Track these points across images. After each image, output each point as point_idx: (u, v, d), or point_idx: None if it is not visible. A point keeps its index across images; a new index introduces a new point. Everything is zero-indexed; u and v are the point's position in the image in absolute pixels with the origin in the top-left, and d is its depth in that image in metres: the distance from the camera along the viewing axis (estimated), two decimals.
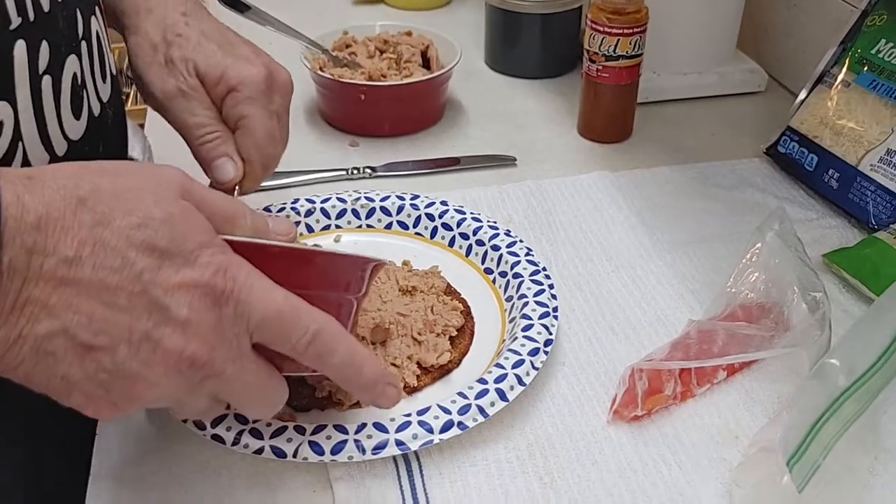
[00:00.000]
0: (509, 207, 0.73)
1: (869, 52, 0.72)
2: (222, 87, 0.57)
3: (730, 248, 0.68)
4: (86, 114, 0.52)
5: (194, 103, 0.57)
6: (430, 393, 0.54)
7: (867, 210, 0.70)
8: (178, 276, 0.37)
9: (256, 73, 0.57)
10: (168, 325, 0.36)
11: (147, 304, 0.36)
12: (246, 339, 0.39)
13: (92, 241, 0.35)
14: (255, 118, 0.56)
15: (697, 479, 0.49)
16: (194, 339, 0.37)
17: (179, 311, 0.36)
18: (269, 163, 0.59)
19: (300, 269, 0.43)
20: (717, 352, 0.54)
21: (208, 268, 0.37)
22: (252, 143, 0.57)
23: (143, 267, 0.36)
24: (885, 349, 0.49)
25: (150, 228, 0.36)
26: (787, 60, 0.94)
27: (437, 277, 0.62)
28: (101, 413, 0.37)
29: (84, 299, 0.35)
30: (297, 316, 0.39)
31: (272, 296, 0.39)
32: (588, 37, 0.79)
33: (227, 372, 0.38)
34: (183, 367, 0.37)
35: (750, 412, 0.54)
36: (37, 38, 0.46)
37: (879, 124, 0.70)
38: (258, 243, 0.41)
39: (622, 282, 0.65)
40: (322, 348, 0.40)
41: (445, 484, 0.49)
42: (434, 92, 0.85)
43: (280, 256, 0.42)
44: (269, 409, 0.42)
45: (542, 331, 0.56)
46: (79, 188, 0.36)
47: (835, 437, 0.46)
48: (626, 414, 0.52)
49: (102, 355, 0.36)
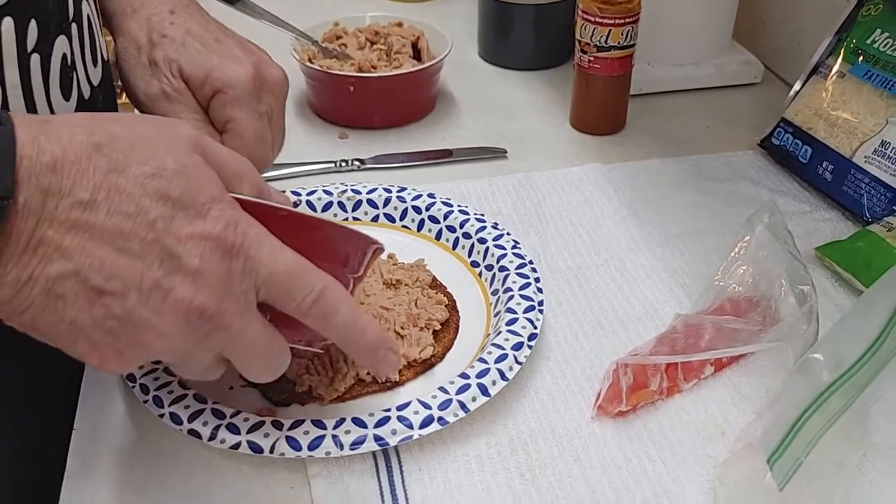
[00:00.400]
0: (499, 200, 0.72)
1: (864, 43, 0.71)
2: (207, 89, 0.54)
3: (721, 241, 0.67)
4: (75, 95, 0.52)
5: (179, 106, 0.54)
6: (412, 388, 0.54)
7: (861, 203, 0.69)
8: (190, 226, 0.37)
9: (244, 74, 0.54)
10: (179, 273, 0.36)
11: (159, 252, 0.36)
12: (253, 294, 0.39)
13: (107, 186, 0.36)
14: (241, 121, 0.54)
15: (682, 476, 0.49)
16: (205, 290, 0.37)
17: (191, 260, 0.36)
18: (259, 166, 0.56)
19: (305, 235, 0.43)
20: (704, 346, 0.53)
21: (219, 221, 0.37)
22: (240, 145, 0.54)
23: (157, 215, 0.36)
24: (872, 342, 0.48)
25: (163, 178, 0.37)
26: (783, 51, 0.92)
27: (423, 271, 0.61)
28: (107, 363, 0.37)
29: (98, 243, 0.35)
30: (305, 273, 0.40)
31: (281, 253, 0.39)
32: (579, 27, 0.78)
33: (235, 326, 0.38)
34: (192, 318, 0.37)
35: (737, 407, 0.53)
36: (25, 15, 0.45)
37: (874, 115, 0.69)
38: (267, 204, 0.42)
39: (611, 275, 0.64)
40: (327, 307, 0.40)
41: (425, 480, 0.48)
42: (424, 83, 0.84)
43: (287, 220, 0.42)
44: (272, 370, 0.42)
45: (527, 325, 0.55)
46: (95, 134, 0.36)
47: (820, 433, 0.45)
48: (610, 409, 0.52)
49: (112, 301, 0.36)
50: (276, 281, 0.39)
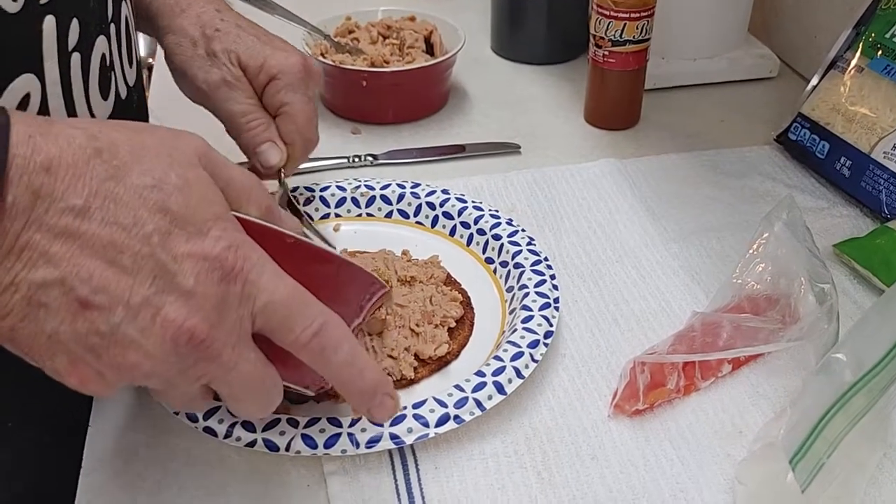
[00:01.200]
0: (513, 196, 0.72)
1: (883, 37, 0.70)
2: (263, 76, 0.60)
3: (738, 237, 0.66)
4: (113, 95, 0.52)
5: (238, 93, 0.60)
6: (427, 385, 0.53)
7: (879, 199, 0.68)
8: (188, 244, 0.35)
9: (295, 62, 0.60)
10: (172, 293, 0.34)
11: (153, 268, 0.34)
12: (249, 322, 0.37)
13: (104, 193, 0.34)
14: (295, 104, 0.60)
15: (700, 476, 0.48)
16: (197, 313, 0.35)
17: (186, 280, 0.35)
18: (310, 146, 0.63)
19: (310, 267, 0.40)
20: (722, 345, 0.52)
21: (220, 241, 0.36)
22: (294, 128, 0.61)
23: (154, 229, 0.34)
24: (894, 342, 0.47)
25: (164, 191, 0.35)
26: (800, 45, 0.92)
27: (437, 267, 0.61)
28: (85, 383, 0.35)
29: (88, 253, 0.33)
30: (305, 305, 0.38)
31: (282, 281, 0.37)
32: (594, 21, 0.77)
33: (224, 356, 0.36)
34: (181, 341, 0.35)
35: (756, 407, 0.52)
36: (67, 14, 0.46)
37: (893, 111, 0.68)
38: (274, 229, 0.40)
39: (626, 272, 0.63)
40: (326, 343, 0.38)
41: (441, 478, 0.48)
42: (437, 78, 0.84)
43: (294, 248, 0.40)
44: (263, 406, 0.39)
45: (543, 322, 0.54)
46: (96, 139, 0.35)
47: (842, 434, 0.44)
48: (627, 408, 0.51)
49: (98, 315, 0.34)
50: (274, 310, 0.37)
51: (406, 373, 0.53)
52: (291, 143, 0.61)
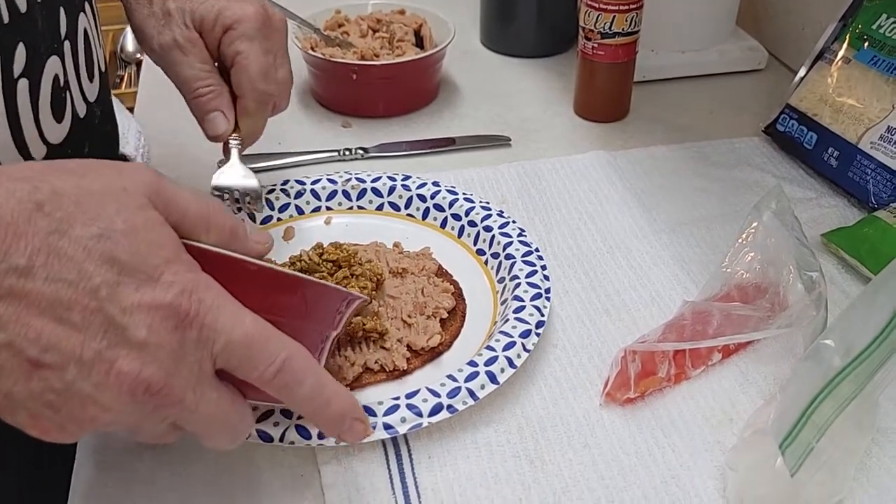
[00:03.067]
0: (503, 188, 0.72)
1: (870, 28, 0.71)
2: (219, 29, 0.57)
3: (727, 227, 0.67)
4: (69, 116, 0.50)
5: (191, 57, 0.57)
6: (420, 376, 0.54)
7: (867, 189, 0.68)
8: (138, 294, 0.34)
9: (253, 12, 0.57)
10: (124, 346, 0.34)
11: (102, 323, 0.34)
12: (209, 364, 0.36)
13: (47, 250, 0.33)
14: (249, 54, 0.57)
15: (691, 462, 0.49)
16: (151, 364, 0.34)
17: (137, 332, 0.34)
18: (264, 99, 0.59)
19: (275, 293, 0.40)
20: (712, 333, 0.53)
21: (172, 287, 0.35)
22: (246, 78, 0.58)
23: (101, 282, 0.34)
24: (882, 328, 0.48)
25: (111, 240, 0.34)
26: (788, 37, 0.92)
27: (429, 259, 0.61)
28: (48, 434, 0.35)
29: (34, 312, 0.33)
30: (266, 342, 0.37)
31: (241, 319, 0.36)
32: (584, 13, 0.78)
33: (186, 400, 0.36)
34: (138, 393, 0.34)
35: (745, 394, 0.53)
36: (11, 40, 0.44)
37: (880, 101, 0.69)
38: (234, 257, 0.39)
39: (617, 262, 0.64)
40: (290, 378, 0.38)
41: (434, 468, 0.48)
42: (427, 71, 0.84)
43: (256, 276, 0.39)
44: (231, 439, 0.39)
45: (534, 312, 0.55)
46: (37, 191, 0.34)
47: (830, 419, 0.45)
48: (618, 396, 0.52)
49: (51, 374, 0.33)
50: (233, 350, 0.36)
51: (399, 363, 0.53)
52: (242, 95, 0.58)
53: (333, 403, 0.40)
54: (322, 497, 0.47)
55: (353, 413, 0.41)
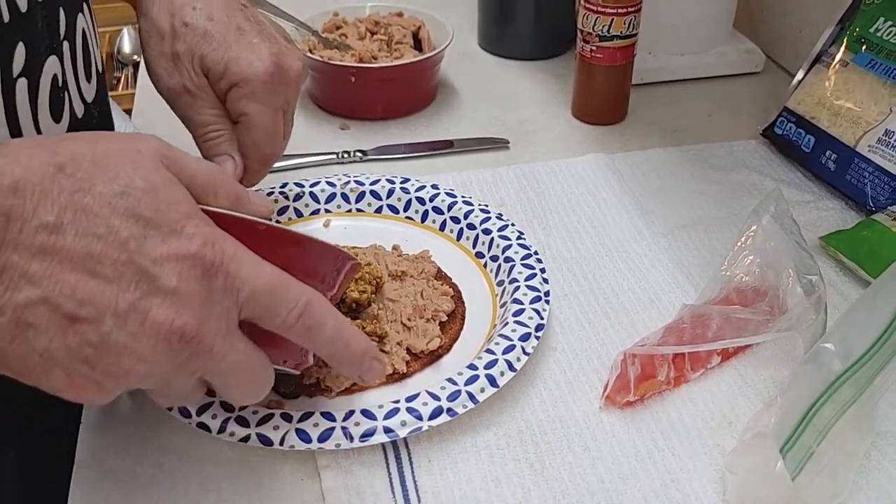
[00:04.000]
0: (502, 191, 0.72)
1: (867, 31, 0.71)
2: (224, 84, 0.54)
3: (725, 230, 0.67)
4: (67, 116, 0.50)
5: (199, 101, 0.56)
6: (419, 379, 0.54)
7: (865, 192, 0.69)
8: (165, 245, 0.35)
9: (261, 69, 0.54)
10: (157, 295, 0.35)
11: (134, 274, 0.35)
12: (235, 313, 0.37)
13: (73, 207, 0.34)
14: (254, 116, 0.55)
15: (691, 466, 0.49)
16: (184, 311, 0.35)
17: (168, 280, 0.35)
18: (267, 161, 0.57)
19: (283, 250, 0.42)
20: (712, 336, 0.53)
21: (195, 238, 0.36)
22: (250, 140, 0.56)
23: (129, 235, 0.35)
24: (881, 332, 0.48)
25: (132, 197, 0.35)
26: (785, 40, 0.92)
27: (428, 262, 0.61)
28: (84, 394, 0.36)
29: (67, 268, 0.34)
30: (287, 289, 0.39)
31: (261, 269, 0.38)
32: (582, 16, 0.78)
33: (216, 347, 0.37)
34: (173, 340, 0.35)
35: (745, 397, 0.53)
36: (11, 39, 0.44)
37: (878, 104, 0.69)
38: (243, 218, 0.40)
39: (616, 265, 0.64)
40: (312, 320, 0.39)
41: (435, 471, 0.48)
42: (426, 74, 0.84)
43: (264, 234, 0.41)
44: (256, 392, 0.40)
45: (534, 315, 0.55)
46: (56, 154, 0.35)
47: (830, 423, 0.45)
48: (618, 400, 0.52)
49: (87, 327, 0.34)
50: (258, 298, 0.38)
51: (398, 367, 0.53)
52: (247, 156, 0.56)
53: (353, 344, 0.42)
54: (322, 501, 0.47)
55: (371, 353, 0.43)
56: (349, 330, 0.42)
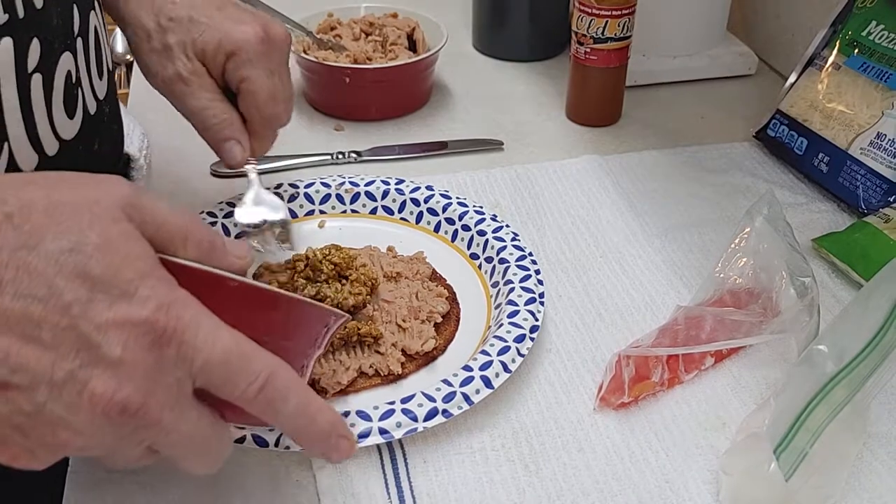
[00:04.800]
0: (496, 192, 0.72)
1: (860, 35, 0.71)
2: (221, 56, 0.57)
3: (719, 232, 0.67)
4: (80, 112, 0.50)
5: (195, 87, 0.57)
6: (415, 380, 0.54)
7: (857, 194, 0.69)
8: (112, 310, 0.33)
9: (252, 34, 0.57)
10: (98, 365, 0.32)
11: (75, 341, 0.32)
12: (188, 383, 0.35)
13: (15, 264, 0.32)
14: (254, 80, 0.57)
15: (685, 467, 0.49)
16: (127, 383, 0.33)
17: (112, 349, 0.32)
18: (273, 122, 0.60)
19: (256, 311, 0.38)
20: (705, 338, 0.53)
21: (148, 302, 0.33)
22: (253, 103, 0.58)
23: (73, 298, 0.32)
24: (874, 334, 0.48)
25: (82, 254, 0.33)
26: (778, 43, 0.93)
27: (423, 263, 0.61)
28: (17, 461, 0.34)
29: (2, 331, 0.31)
30: (248, 360, 0.35)
31: (220, 336, 0.35)
32: (576, 19, 0.78)
33: (164, 421, 0.34)
34: (113, 414, 0.33)
35: (738, 398, 0.53)
36: (26, 35, 0.44)
37: (870, 107, 0.69)
38: (213, 273, 0.37)
39: (610, 267, 0.64)
40: (273, 396, 0.36)
41: (430, 472, 0.48)
42: (420, 75, 0.84)
43: (236, 292, 0.38)
44: (211, 462, 0.38)
45: (528, 317, 0.55)
46: (5, 203, 0.33)
47: (823, 424, 0.45)
48: (612, 401, 0.52)
49: (19, 395, 0.32)
50: (214, 369, 0.35)
51: (393, 368, 0.53)
52: (251, 120, 0.58)
53: (319, 420, 0.38)
54: (318, 502, 0.47)
55: (338, 430, 0.39)
56: (315, 405, 0.38)
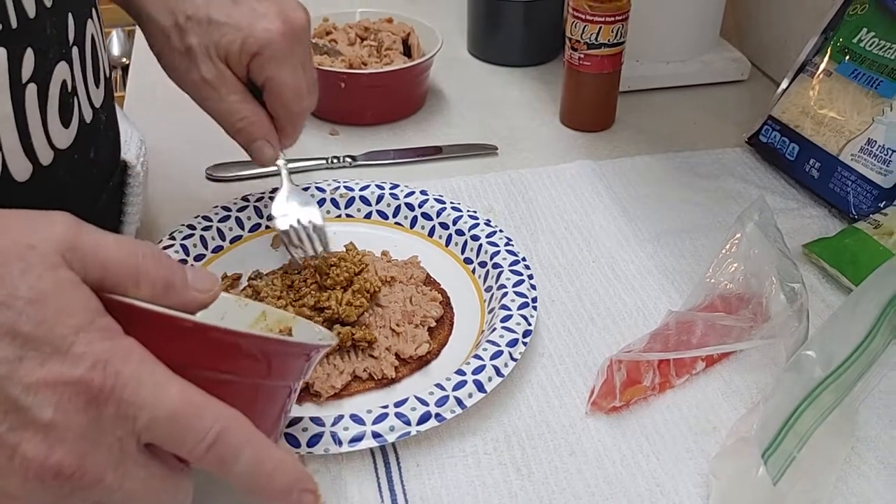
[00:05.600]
0: (490, 197, 0.73)
1: (850, 42, 0.72)
2: (245, 57, 0.56)
3: (711, 237, 0.68)
4: (76, 121, 0.50)
5: (221, 90, 0.57)
6: (408, 384, 0.54)
7: (847, 200, 0.70)
8: (43, 369, 0.31)
9: (274, 31, 0.56)
10: (28, 428, 0.31)
11: (3, 403, 0.31)
12: (132, 442, 0.33)
13: None
14: (279, 79, 0.57)
15: (675, 471, 0.49)
16: (58, 447, 0.31)
17: (42, 412, 0.31)
18: (298, 119, 0.60)
19: (218, 352, 0.35)
20: (696, 343, 0.54)
21: (83, 360, 0.32)
22: (279, 102, 0.58)
23: (1, 358, 0.31)
24: (862, 339, 0.49)
25: (12, 310, 0.31)
26: (770, 49, 0.93)
27: (417, 268, 0.62)
28: None
29: None
30: (196, 416, 0.33)
31: (165, 392, 0.33)
32: (570, 24, 0.79)
33: (107, 480, 0.32)
34: (47, 478, 0.31)
35: (728, 403, 0.54)
36: (20, 45, 0.44)
37: (860, 114, 0.70)
38: (164, 314, 0.34)
39: (602, 272, 0.65)
40: (225, 452, 0.34)
41: (423, 476, 0.49)
42: (415, 80, 0.85)
43: (192, 333, 0.35)
44: None
45: (521, 321, 0.55)
46: None
47: (811, 429, 0.46)
48: (604, 405, 0.52)
49: None
50: (158, 426, 0.33)
51: (387, 372, 0.54)
52: (277, 117, 0.59)
53: (277, 477, 0.36)
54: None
55: (301, 484, 0.37)
56: (272, 461, 0.36)
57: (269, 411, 0.39)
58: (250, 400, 0.37)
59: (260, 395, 0.37)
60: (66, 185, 0.49)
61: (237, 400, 0.35)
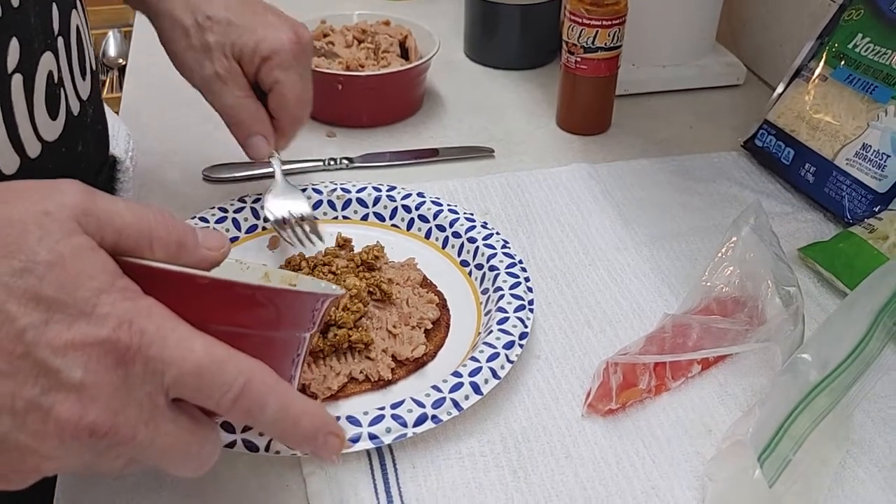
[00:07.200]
0: (487, 199, 0.73)
1: (846, 47, 0.72)
2: (257, 59, 0.61)
3: (707, 241, 0.68)
4: (63, 113, 0.50)
5: (231, 86, 0.61)
6: (404, 386, 0.54)
7: (842, 204, 0.70)
8: (70, 332, 0.31)
9: (287, 40, 0.61)
10: (60, 390, 0.31)
11: (32, 368, 0.31)
12: (161, 397, 0.34)
13: None
14: (286, 83, 0.61)
15: (671, 473, 0.49)
16: (92, 406, 0.32)
17: (73, 373, 0.31)
18: (297, 122, 0.64)
19: (233, 307, 0.37)
20: (692, 346, 0.54)
21: (108, 320, 0.32)
22: (283, 105, 0.62)
23: (27, 323, 0.31)
24: (857, 343, 0.49)
25: (34, 275, 0.31)
26: (766, 54, 0.94)
27: (413, 270, 0.62)
28: None
29: None
30: (220, 369, 0.34)
31: (189, 347, 0.34)
32: (567, 28, 0.79)
33: (139, 436, 0.33)
34: (83, 437, 0.32)
35: (724, 406, 0.54)
36: (5, 34, 0.44)
37: (856, 119, 0.70)
38: (181, 273, 0.36)
39: (599, 275, 0.65)
40: (251, 403, 0.35)
41: (419, 477, 0.49)
42: (412, 82, 0.85)
43: (209, 290, 0.36)
44: (198, 466, 0.36)
45: (518, 324, 0.55)
46: None
47: (807, 432, 0.46)
48: (600, 407, 0.52)
49: None
50: (186, 381, 0.34)
51: (384, 374, 0.54)
52: (279, 119, 0.63)
53: (303, 421, 0.37)
54: None
55: (326, 428, 0.38)
56: (297, 407, 0.37)
57: (285, 361, 0.40)
58: (265, 352, 0.38)
59: (274, 346, 0.39)
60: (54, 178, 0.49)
61: (253, 352, 0.36)
